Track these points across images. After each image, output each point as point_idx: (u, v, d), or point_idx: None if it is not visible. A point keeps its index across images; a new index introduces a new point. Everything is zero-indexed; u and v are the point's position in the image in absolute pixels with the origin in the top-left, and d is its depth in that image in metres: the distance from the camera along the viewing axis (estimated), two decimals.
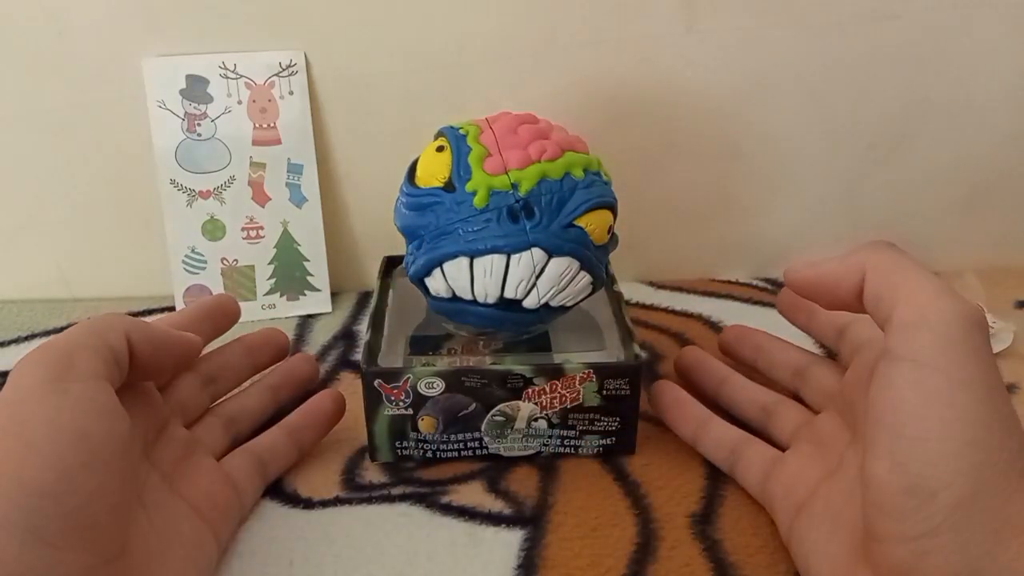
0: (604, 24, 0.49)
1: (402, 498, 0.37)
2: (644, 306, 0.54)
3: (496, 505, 0.37)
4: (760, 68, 0.50)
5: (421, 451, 0.38)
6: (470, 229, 0.36)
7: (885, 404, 0.28)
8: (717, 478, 0.38)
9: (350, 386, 0.45)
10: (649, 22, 0.49)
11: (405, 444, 0.38)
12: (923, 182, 0.55)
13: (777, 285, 0.56)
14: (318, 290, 0.53)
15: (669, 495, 0.37)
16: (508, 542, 0.35)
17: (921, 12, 0.49)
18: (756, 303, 0.54)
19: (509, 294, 0.37)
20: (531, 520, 0.36)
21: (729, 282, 0.57)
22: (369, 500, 0.37)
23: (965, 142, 0.53)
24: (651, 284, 0.56)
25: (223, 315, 0.40)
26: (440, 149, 0.38)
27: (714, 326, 0.51)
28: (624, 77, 0.50)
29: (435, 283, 0.38)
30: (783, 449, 0.37)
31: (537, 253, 0.36)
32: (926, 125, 0.53)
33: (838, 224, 0.56)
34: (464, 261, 0.36)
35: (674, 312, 0.53)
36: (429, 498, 0.37)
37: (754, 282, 0.57)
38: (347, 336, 0.50)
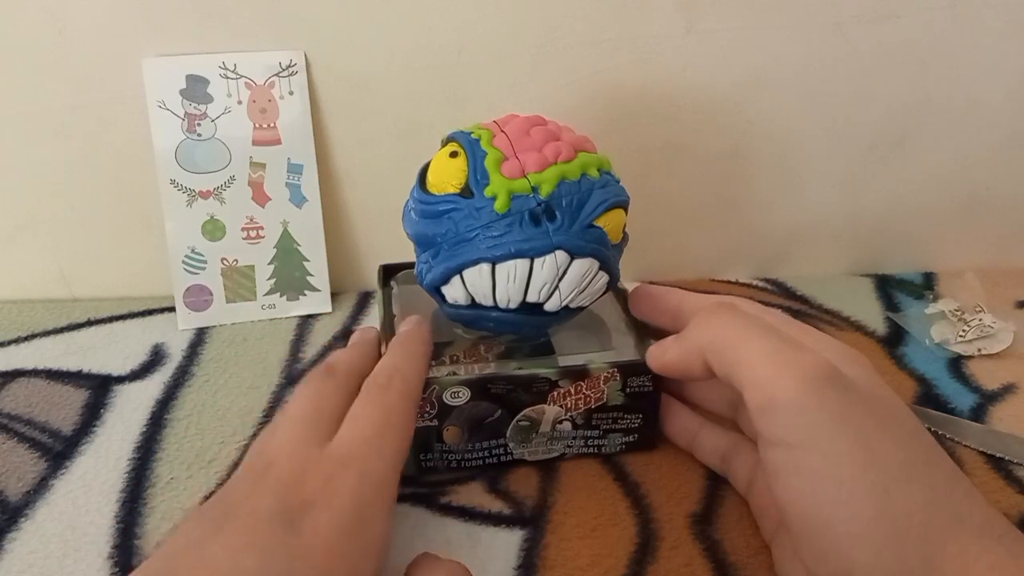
0: (604, 24, 0.48)
1: (402, 498, 0.37)
2: None
3: (496, 505, 0.37)
4: (760, 68, 0.50)
5: (446, 462, 0.38)
6: (491, 235, 0.35)
7: (781, 492, 0.27)
8: (717, 478, 0.38)
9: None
10: (649, 22, 0.49)
11: (430, 456, 0.38)
12: (923, 182, 0.55)
13: (777, 285, 0.56)
14: (318, 290, 0.53)
15: (669, 495, 0.37)
16: (508, 542, 0.35)
17: (921, 12, 0.49)
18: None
19: (532, 298, 0.37)
20: (531, 520, 0.36)
21: (729, 282, 0.57)
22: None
23: (965, 142, 0.54)
24: (651, 284, 0.56)
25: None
26: (454, 155, 0.37)
27: None
28: (624, 77, 0.50)
29: (453, 291, 0.37)
30: None
31: (560, 256, 0.35)
32: (926, 125, 0.53)
33: (838, 224, 0.56)
34: (486, 267, 0.36)
35: None
36: (429, 498, 0.37)
37: (754, 282, 0.57)
38: (347, 336, 0.50)
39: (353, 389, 0.34)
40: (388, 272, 0.46)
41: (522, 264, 0.36)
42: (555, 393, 0.37)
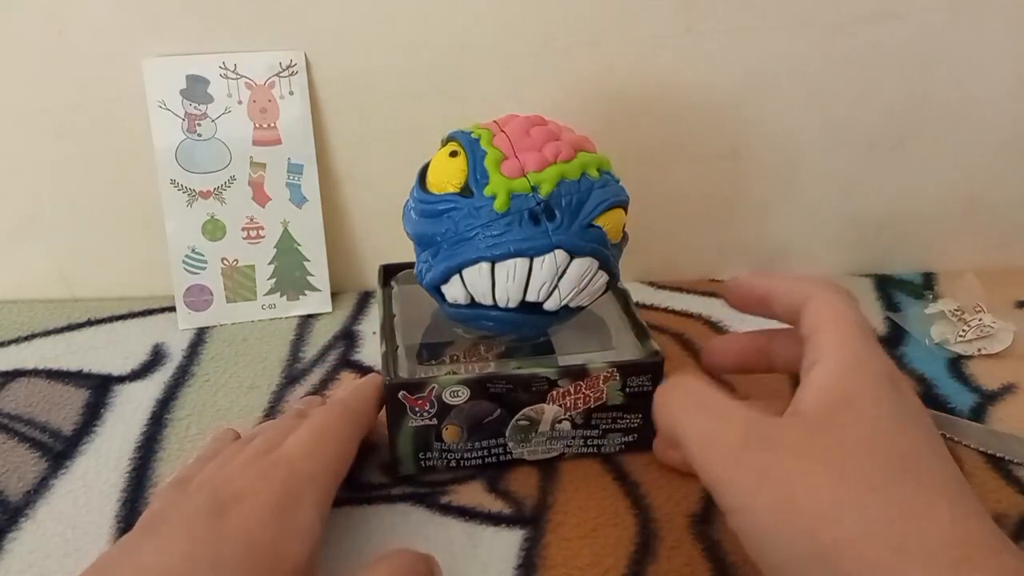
0: (604, 24, 0.49)
1: (402, 498, 0.37)
2: (644, 306, 0.54)
3: (496, 505, 0.37)
4: (760, 68, 0.50)
5: (445, 461, 0.38)
6: (491, 234, 0.35)
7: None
8: None
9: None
10: (649, 22, 0.49)
11: (429, 455, 0.38)
12: (923, 182, 0.55)
13: None
14: (318, 290, 0.53)
15: (669, 495, 0.37)
16: (508, 542, 0.35)
17: (921, 12, 0.49)
18: None
19: (531, 297, 0.37)
20: (531, 520, 0.36)
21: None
22: (369, 500, 0.37)
23: (965, 142, 0.53)
24: (651, 284, 0.56)
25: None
26: (453, 154, 0.38)
27: (714, 326, 0.51)
28: (624, 77, 0.50)
29: (453, 290, 0.37)
30: None
31: (560, 255, 0.36)
32: (926, 125, 0.53)
33: (838, 224, 0.56)
34: (485, 266, 0.36)
35: (674, 312, 0.53)
36: (429, 498, 0.37)
37: None
38: (347, 336, 0.50)
39: None
40: (388, 272, 0.46)
41: (521, 263, 0.36)
42: (554, 393, 0.37)
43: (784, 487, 0.26)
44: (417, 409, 0.36)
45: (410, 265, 0.41)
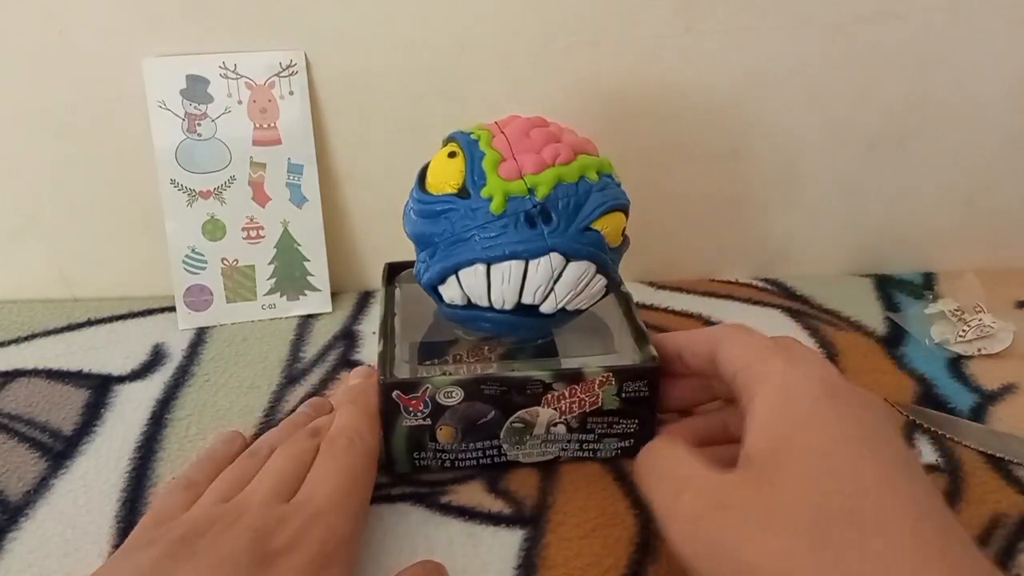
0: (604, 24, 0.49)
1: (401, 498, 0.37)
2: (644, 306, 0.54)
3: (496, 505, 0.37)
4: (760, 68, 0.50)
5: (439, 461, 0.38)
6: (487, 235, 0.36)
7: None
8: None
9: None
10: (649, 22, 0.49)
11: (423, 455, 0.38)
12: (923, 182, 0.55)
13: (777, 285, 0.56)
14: (318, 290, 0.53)
15: None
16: (508, 542, 0.35)
17: (921, 12, 0.49)
18: (756, 303, 0.54)
19: (527, 300, 0.37)
20: (531, 520, 0.36)
21: (729, 282, 0.57)
22: (369, 500, 0.37)
23: (965, 142, 0.54)
24: (651, 284, 0.56)
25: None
26: (452, 155, 0.38)
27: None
28: (624, 77, 0.50)
29: (449, 291, 0.37)
30: None
31: (555, 258, 0.36)
32: (926, 125, 0.53)
33: (838, 224, 0.56)
34: (481, 268, 0.36)
35: (674, 312, 0.53)
36: (429, 498, 0.37)
37: (754, 282, 0.57)
38: (347, 336, 0.50)
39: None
40: (393, 270, 0.46)
41: (516, 265, 0.36)
42: (549, 396, 0.37)
43: (738, 556, 0.27)
44: (411, 409, 0.36)
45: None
